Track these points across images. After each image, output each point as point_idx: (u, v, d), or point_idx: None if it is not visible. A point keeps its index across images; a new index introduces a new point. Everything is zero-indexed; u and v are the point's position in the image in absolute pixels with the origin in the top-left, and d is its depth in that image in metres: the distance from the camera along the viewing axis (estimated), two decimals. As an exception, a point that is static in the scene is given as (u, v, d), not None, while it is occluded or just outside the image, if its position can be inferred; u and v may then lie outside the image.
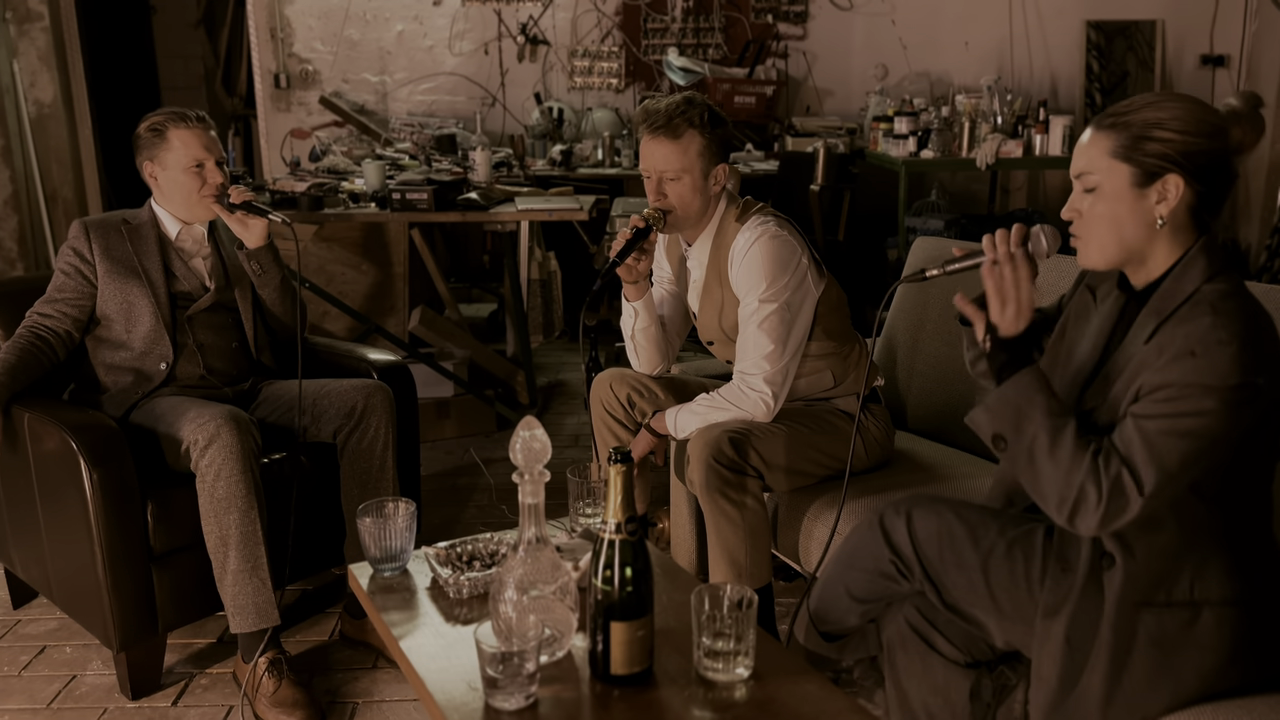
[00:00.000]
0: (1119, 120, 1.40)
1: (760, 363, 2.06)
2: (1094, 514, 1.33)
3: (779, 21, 5.55)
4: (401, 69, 5.65)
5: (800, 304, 2.09)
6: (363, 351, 2.63)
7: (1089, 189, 1.42)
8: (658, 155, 2.08)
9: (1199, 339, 1.31)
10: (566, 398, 4.27)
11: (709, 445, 2.01)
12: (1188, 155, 1.36)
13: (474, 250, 5.12)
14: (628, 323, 2.28)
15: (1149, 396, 1.34)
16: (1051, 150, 4.58)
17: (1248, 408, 1.31)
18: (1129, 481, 1.32)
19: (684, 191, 2.09)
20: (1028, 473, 1.41)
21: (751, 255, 2.07)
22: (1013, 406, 1.41)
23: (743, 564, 2.01)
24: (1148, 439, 1.32)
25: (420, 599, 1.63)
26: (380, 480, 2.27)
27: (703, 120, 2.06)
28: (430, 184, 3.50)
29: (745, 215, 2.14)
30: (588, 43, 5.60)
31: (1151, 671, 1.40)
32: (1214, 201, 1.41)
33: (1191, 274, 1.39)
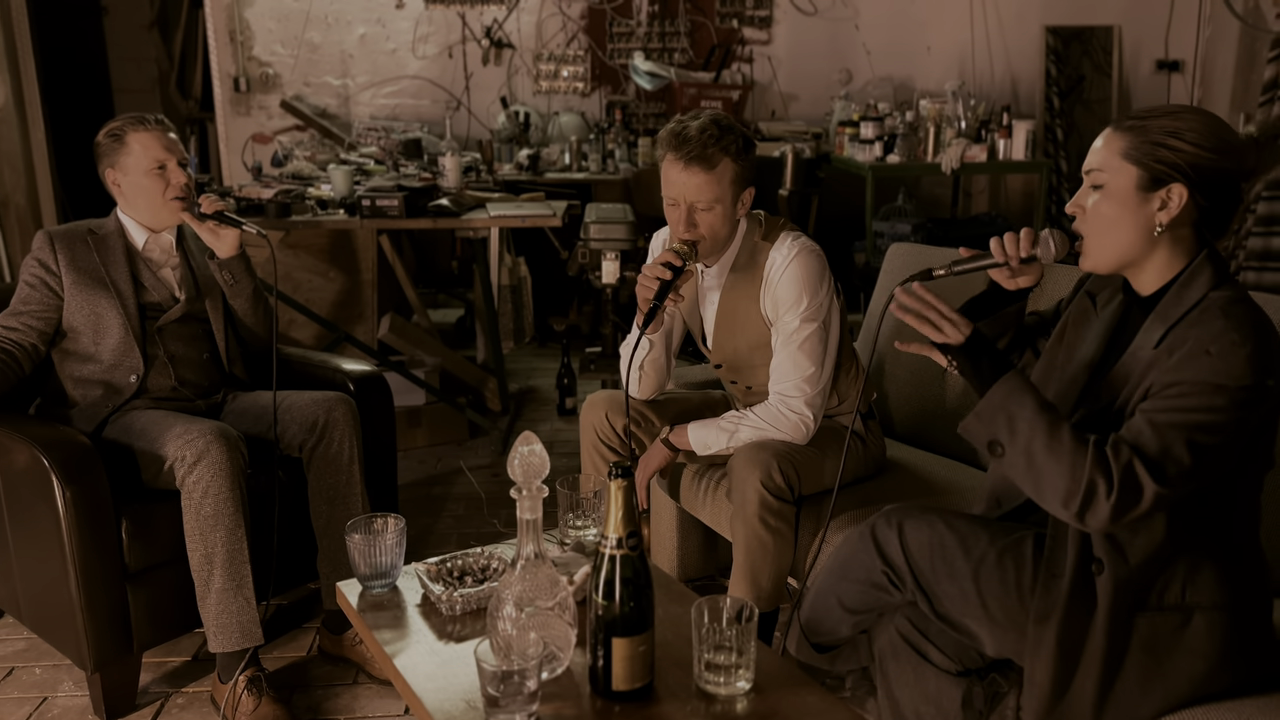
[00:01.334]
0: (1137, 124, 1.42)
1: (802, 385, 2.03)
2: (1106, 505, 1.32)
3: (744, 26, 5.57)
4: (364, 72, 5.59)
5: (831, 322, 2.07)
6: (337, 362, 2.59)
7: (1096, 186, 1.44)
8: (691, 186, 1.97)
9: (1213, 339, 1.33)
10: (539, 404, 4.25)
11: (761, 469, 1.96)
12: (1197, 168, 1.38)
13: (442, 256, 5.08)
14: (639, 354, 2.17)
15: (1161, 393, 1.35)
16: (1015, 155, 4.65)
17: (1256, 409, 1.33)
18: (1142, 471, 1.32)
19: (715, 221, 2.00)
20: (1028, 475, 1.40)
21: (791, 272, 2.02)
22: (1003, 411, 1.41)
23: (764, 586, 2.00)
24: (1159, 431, 1.33)
25: (412, 616, 1.61)
26: (348, 495, 2.23)
27: (738, 148, 1.97)
28: (401, 190, 3.46)
29: (772, 233, 2.09)
30: (553, 46, 5.58)
31: (1143, 675, 1.42)
32: (1217, 219, 1.43)
33: (1198, 282, 1.41)
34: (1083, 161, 1.50)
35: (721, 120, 1.99)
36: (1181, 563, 1.42)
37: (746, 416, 2.09)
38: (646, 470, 2.20)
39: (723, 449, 2.11)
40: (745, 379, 2.21)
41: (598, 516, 1.83)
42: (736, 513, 2.00)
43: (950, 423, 2.38)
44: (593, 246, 3.21)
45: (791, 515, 2.00)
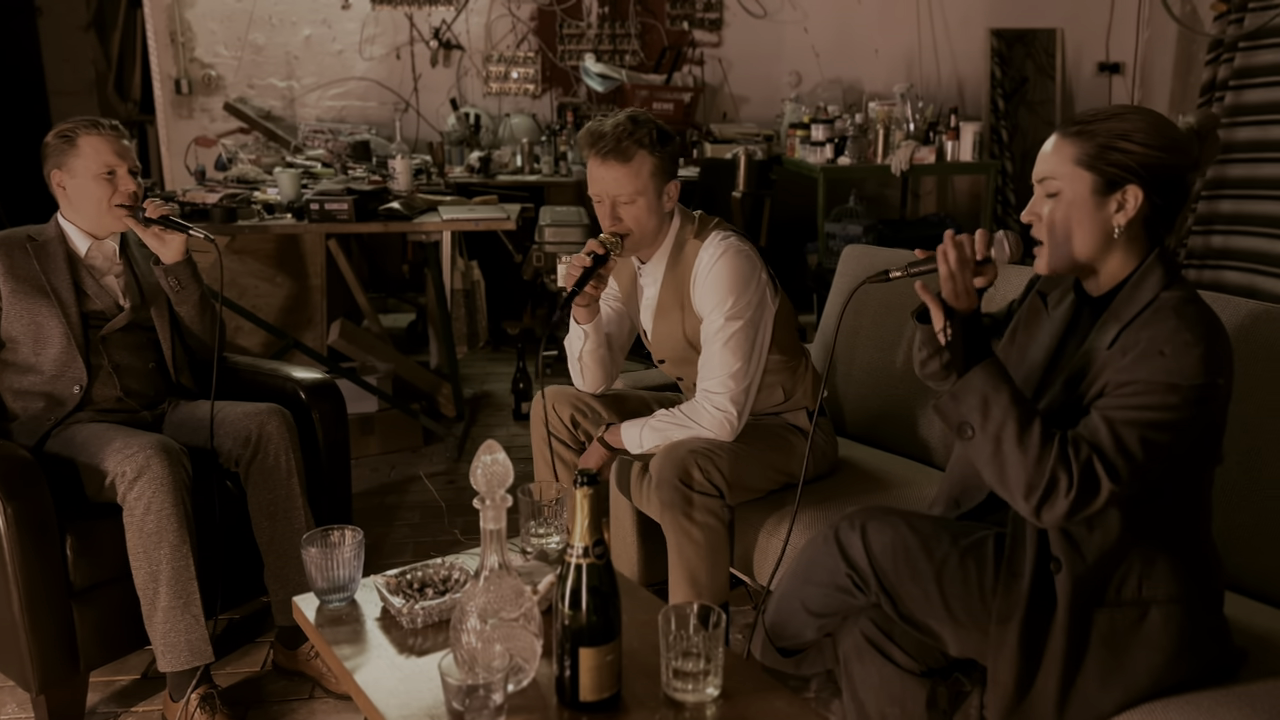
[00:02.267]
0: (1085, 129, 1.43)
1: (726, 381, 2.04)
2: (1064, 501, 1.35)
3: (694, 28, 5.58)
4: (310, 74, 5.50)
5: (761, 320, 2.09)
6: (287, 370, 2.54)
7: (1050, 194, 1.45)
8: (609, 180, 2.02)
9: (1167, 339, 1.35)
10: (494, 409, 4.21)
11: (674, 465, 1.98)
12: (1149, 168, 1.40)
13: (392, 260, 5.01)
14: (575, 344, 2.22)
15: (1115, 392, 1.37)
16: (962, 156, 4.70)
17: (1207, 406, 1.36)
18: (1099, 468, 1.34)
19: (640, 214, 2.04)
20: (993, 461, 1.41)
21: (716, 271, 2.05)
22: (979, 394, 1.42)
23: (703, 583, 2.00)
24: (1114, 429, 1.35)
25: (371, 630, 1.58)
26: (289, 510, 2.18)
27: (652, 140, 2.01)
28: (350, 194, 3.40)
29: (704, 231, 2.11)
30: (503, 48, 5.54)
31: (1103, 671, 1.44)
32: (1168, 215, 1.46)
33: (1150, 282, 1.43)
34: (1027, 162, 1.52)
35: (637, 115, 2.04)
36: (1137, 558, 1.44)
37: (674, 414, 2.10)
38: (583, 467, 2.20)
39: (654, 447, 2.11)
40: (690, 375, 2.22)
41: (560, 524, 1.81)
42: (663, 511, 2.02)
43: (904, 422, 2.40)
44: (548, 250, 3.19)
45: (719, 508, 2.01)
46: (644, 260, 2.18)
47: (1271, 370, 1.75)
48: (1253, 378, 1.76)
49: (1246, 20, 4.28)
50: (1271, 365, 1.76)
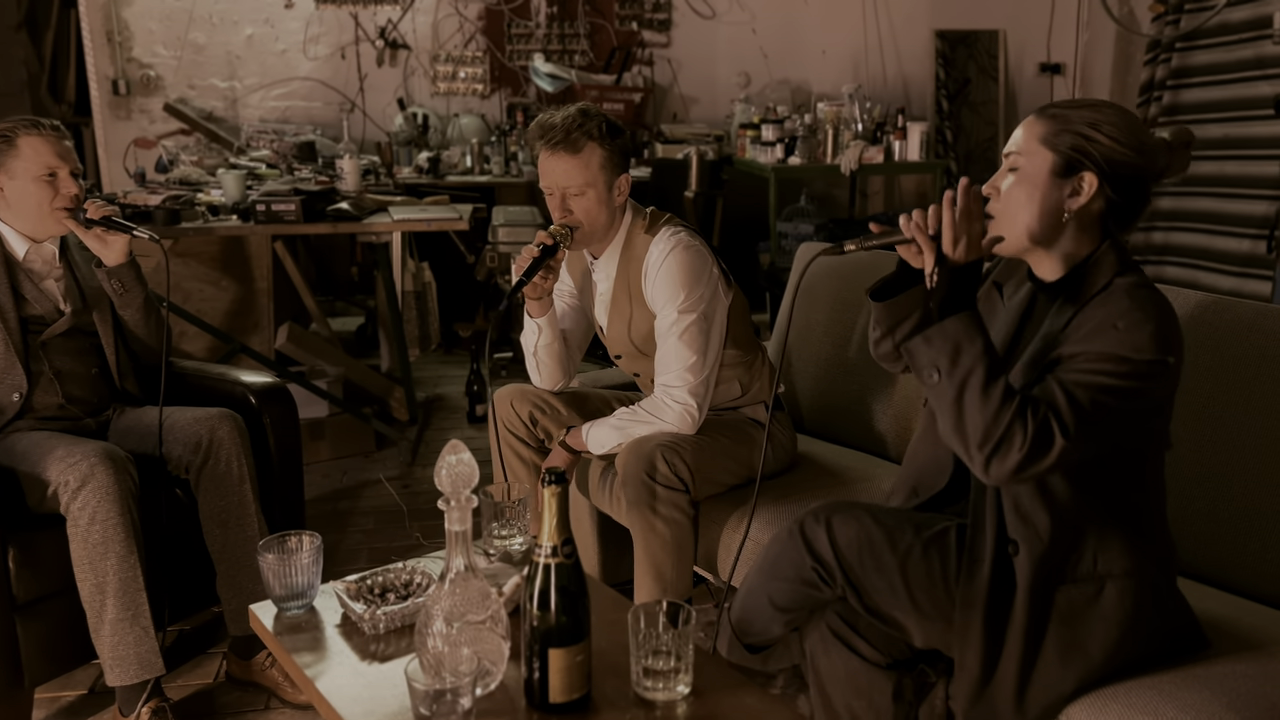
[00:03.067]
0: (1059, 113, 1.45)
1: (684, 375, 2.04)
2: (1016, 454, 1.35)
3: (643, 29, 5.57)
4: (252, 74, 5.40)
5: (714, 314, 2.09)
6: (236, 374, 2.48)
7: (1013, 169, 1.47)
8: (559, 171, 2.02)
9: (1120, 315, 1.38)
10: (448, 412, 4.16)
11: (641, 460, 1.98)
12: (1110, 161, 1.42)
13: (340, 262, 4.94)
14: (529, 339, 2.21)
15: (1069, 361, 1.40)
16: (910, 155, 4.75)
17: (1156, 382, 1.38)
18: (1054, 424, 1.35)
19: (590, 206, 2.04)
20: (953, 409, 1.40)
21: (667, 266, 2.05)
22: (953, 341, 1.41)
23: (669, 579, 1.99)
24: (1067, 390, 1.37)
25: (332, 637, 1.54)
26: (242, 516, 2.13)
27: (601, 132, 2.01)
28: (298, 194, 3.34)
29: (655, 227, 2.12)
30: (450, 47, 5.49)
31: (1062, 649, 1.45)
32: (1123, 214, 1.48)
33: (1103, 268, 1.45)
34: (971, 162, 1.54)
35: (586, 108, 2.05)
36: (1091, 535, 1.47)
37: (635, 411, 2.10)
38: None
39: (615, 446, 2.10)
40: (647, 369, 2.22)
41: (523, 525, 1.79)
42: (630, 506, 2.01)
43: (860, 417, 2.41)
44: (502, 250, 3.16)
45: (685, 503, 2.01)
46: (596, 255, 2.18)
47: (1219, 360, 1.79)
48: (1201, 368, 1.80)
49: (1183, 21, 4.38)
50: (1218, 355, 1.79)
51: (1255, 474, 1.72)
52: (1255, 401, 1.74)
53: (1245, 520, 1.73)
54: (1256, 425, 1.73)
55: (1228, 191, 4.21)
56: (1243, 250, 4.11)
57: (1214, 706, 1.39)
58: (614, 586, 2.56)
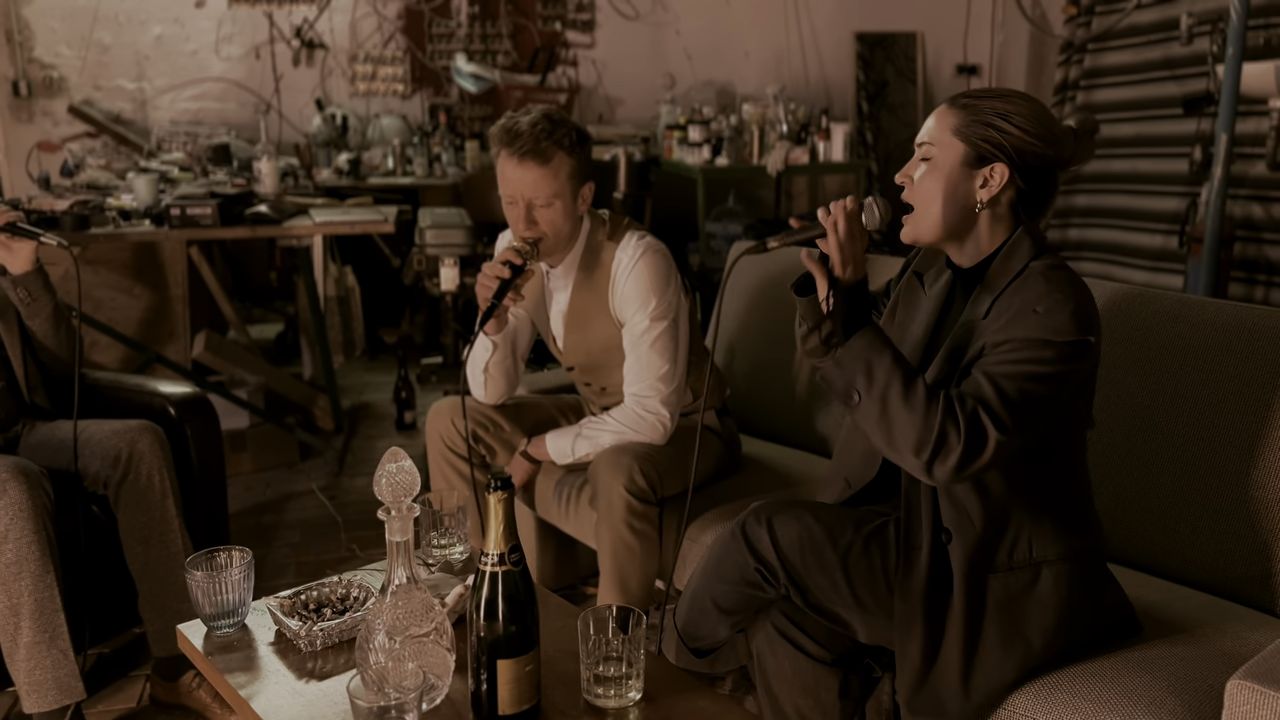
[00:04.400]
0: (970, 103, 1.46)
1: (656, 385, 2.00)
2: (954, 454, 1.35)
3: (567, 29, 5.54)
4: (162, 75, 5.22)
5: (680, 320, 2.05)
6: (154, 385, 2.38)
7: (925, 159, 1.48)
8: (526, 182, 1.92)
9: (1039, 299, 1.40)
10: (374, 420, 4.06)
11: (620, 473, 1.93)
12: (1020, 152, 1.44)
13: (258, 267, 4.79)
14: (481, 356, 2.11)
15: (993, 351, 1.41)
16: (834, 156, 4.80)
17: (1080, 362, 1.40)
18: (986, 420, 1.36)
19: (555, 217, 1.96)
20: (881, 423, 1.41)
21: (638, 272, 2.00)
22: (862, 359, 1.42)
23: (633, 590, 1.96)
24: (995, 383, 1.38)
25: (266, 656, 1.48)
26: (164, 533, 2.04)
27: (571, 141, 1.93)
28: (214, 197, 3.23)
29: (617, 233, 2.06)
30: (369, 47, 5.38)
31: (1002, 636, 1.47)
32: (1034, 203, 1.50)
33: (1019, 253, 1.47)
34: (890, 163, 1.55)
35: (554, 115, 1.96)
36: (1024, 521, 1.48)
37: (605, 421, 2.05)
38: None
39: (582, 457, 2.06)
40: (599, 380, 2.17)
41: (463, 534, 1.74)
42: (602, 519, 1.96)
43: (800, 417, 2.41)
44: (429, 252, 3.09)
45: (655, 517, 1.98)
46: (553, 265, 2.10)
47: (1143, 351, 1.83)
48: (1126, 359, 1.84)
49: (1094, 23, 4.51)
50: (1143, 346, 1.83)
51: (1182, 462, 1.77)
52: (1180, 390, 1.78)
53: (1173, 508, 1.77)
54: (1182, 414, 1.78)
55: (1140, 189, 4.35)
56: (1155, 245, 4.24)
57: (1155, 691, 1.42)
58: (555, 591, 2.53)
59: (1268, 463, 1.67)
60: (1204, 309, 1.82)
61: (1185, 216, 3.97)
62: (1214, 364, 1.76)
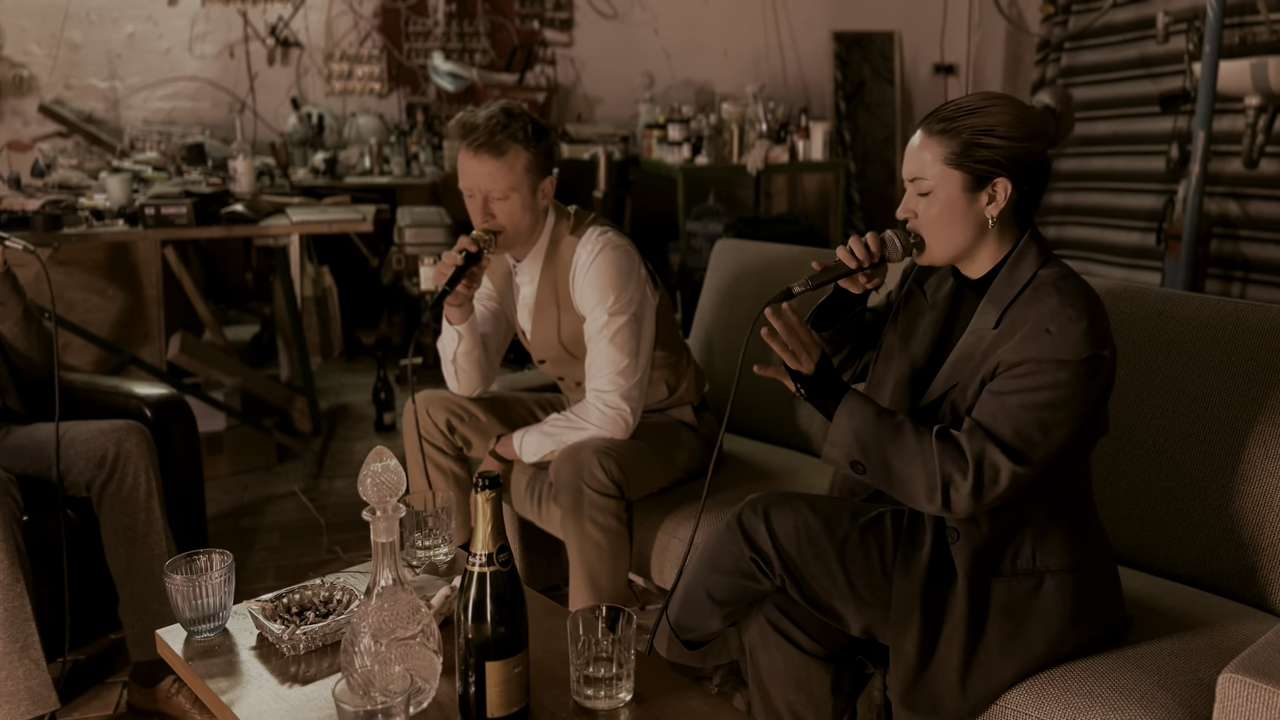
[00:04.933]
0: (949, 127, 1.45)
1: (615, 379, 1.99)
2: (965, 491, 1.38)
3: (545, 28, 5.51)
4: (134, 74, 5.15)
5: (644, 315, 2.04)
6: (130, 387, 2.34)
7: (923, 193, 1.47)
8: (482, 174, 1.93)
9: (1050, 317, 1.39)
10: (353, 421, 4.02)
11: (577, 468, 1.92)
12: (1014, 159, 1.44)
13: (234, 268, 4.74)
14: (449, 346, 2.12)
15: (1007, 373, 1.41)
16: (813, 155, 4.81)
17: (1096, 378, 1.40)
18: (998, 455, 1.38)
19: (514, 210, 1.96)
20: (891, 483, 1.46)
21: (597, 267, 1.99)
22: (851, 432, 1.47)
23: (604, 586, 1.94)
24: (1009, 412, 1.39)
25: (247, 660, 1.45)
26: (149, 534, 2.01)
27: (527, 134, 1.94)
28: (189, 196, 3.19)
29: (580, 227, 2.05)
30: (345, 45, 5.33)
31: (1003, 639, 1.47)
32: (1035, 197, 1.50)
33: (1026, 262, 1.47)
34: (868, 163, 1.55)
35: (510, 108, 1.96)
36: (1030, 529, 1.48)
37: (567, 418, 2.04)
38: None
39: (547, 454, 2.05)
40: (573, 374, 2.16)
41: (447, 534, 1.72)
42: (566, 516, 1.95)
43: (777, 413, 2.40)
44: (408, 251, 3.06)
45: (621, 510, 1.97)
46: (519, 258, 2.11)
47: (1129, 346, 1.83)
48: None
49: (1071, 22, 4.54)
50: (1129, 341, 1.84)
51: (1169, 456, 1.77)
52: (1165, 385, 1.79)
53: (1160, 502, 1.78)
54: (1167, 408, 1.78)
55: (1117, 186, 4.37)
56: (1133, 242, 4.27)
57: (1145, 685, 1.42)
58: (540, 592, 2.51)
59: (1253, 457, 1.67)
60: (1188, 304, 1.82)
61: (1162, 214, 4.00)
62: (1198, 358, 1.76)
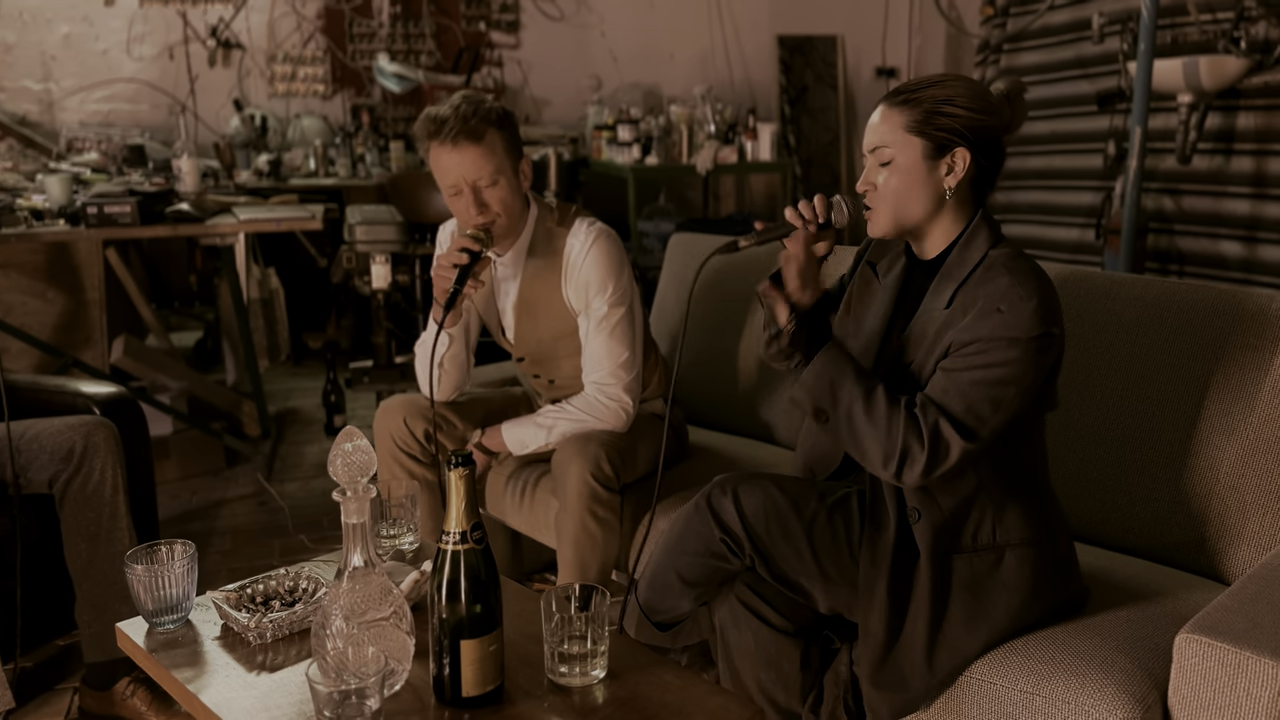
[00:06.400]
0: (910, 97, 1.48)
1: (618, 372, 1.98)
2: (919, 464, 1.41)
3: (491, 30, 5.50)
4: (70, 75, 5.03)
5: (636, 305, 2.05)
6: (77, 385, 2.28)
7: (884, 163, 1.49)
8: (467, 164, 1.88)
9: (1002, 296, 1.42)
10: (302, 425, 3.97)
11: (589, 460, 1.90)
12: (974, 129, 1.47)
13: (176, 271, 4.65)
14: (438, 350, 2.05)
15: (959, 351, 1.43)
16: (761, 155, 4.85)
17: (1046, 356, 1.44)
18: (948, 429, 1.41)
19: (505, 195, 1.92)
20: (851, 439, 1.47)
21: (594, 256, 1.98)
22: (826, 379, 1.47)
23: (592, 578, 1.94)
24: (961, 389, 1.42)
25: (213, 650, 1.42)
26: (113, 530, 1.97)
27: (498, 116, 1.91)
28: (133, 195, 3.12)
29: (567, 219, 2.03)
30: (288, 47, 5.26)
31: (967, 614, 1.49)
32: (991, 176, 1.53)
33: (978, 242, 1.50)
34: (813, 166, 1.58)
35: (472, 96, 1.94)
36: (989, 505, 1.51)
37: (564, 409, 2.03)
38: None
39: (541, 446, 2.04)
40: (549, 372, 2.15)
41: (412, 524, 1.71)
42: (565, 508, 1.93)
43: (744, 404, 2.43)
44: (360, 249, 3.03)
45: (617, 505, 1.97)
46: (501, 253, 2.07)
47: (1080, 327, 1.89)
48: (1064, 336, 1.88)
49: (1009, 24, 4.65)
50: (1079, 323, 1.89)
51: (1119, 433, 1.82)
52: (1115, 364, 1.84)
53: (1110, 477, 1.83)
54: (1116, 387, 1.83)
55: (1057, 184, 4.48)
56: (1072, 238, 4.38)
57: (1106, 650, 1.46)
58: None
59: (1199, 430, 1.73)
60: (1134, 285, 1.88)
61: (1101, 210, 4.11)
62: (1145, 338, 1.82)
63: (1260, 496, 1.67)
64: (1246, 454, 1.68)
